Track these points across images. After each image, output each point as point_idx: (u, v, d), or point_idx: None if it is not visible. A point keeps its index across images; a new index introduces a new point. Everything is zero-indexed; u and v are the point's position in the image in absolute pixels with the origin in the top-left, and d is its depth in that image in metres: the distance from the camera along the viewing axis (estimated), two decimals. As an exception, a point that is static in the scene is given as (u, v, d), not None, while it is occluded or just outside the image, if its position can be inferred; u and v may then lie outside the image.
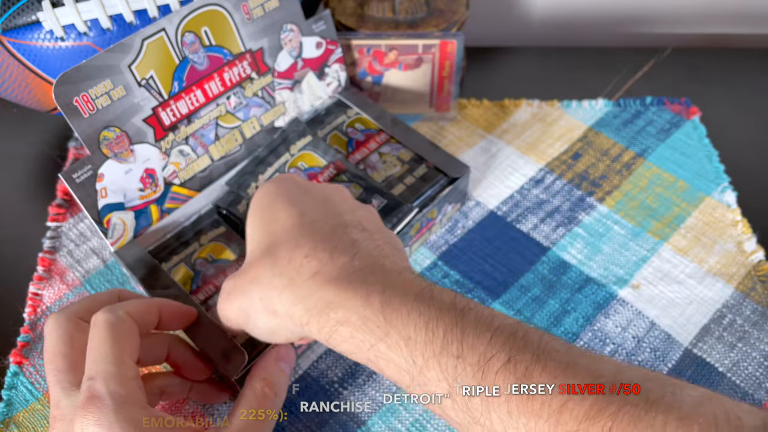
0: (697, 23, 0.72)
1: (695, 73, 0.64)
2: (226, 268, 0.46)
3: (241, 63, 0.46)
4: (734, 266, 0.49)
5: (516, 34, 0.74)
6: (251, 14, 0.46)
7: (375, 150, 0.52)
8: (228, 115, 0.47)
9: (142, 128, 0.43)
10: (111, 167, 0.42)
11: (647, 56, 0.66)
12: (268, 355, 0.38)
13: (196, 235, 0.48)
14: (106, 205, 0.42)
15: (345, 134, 0.53)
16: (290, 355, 0.39)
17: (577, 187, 0.54)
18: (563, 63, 0.66)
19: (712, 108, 0.60)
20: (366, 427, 0.42)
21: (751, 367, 0.44)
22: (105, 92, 0.40)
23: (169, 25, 0.42)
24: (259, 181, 0.49)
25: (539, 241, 0.51)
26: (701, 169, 0.55)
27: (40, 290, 0.49)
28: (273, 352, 0.38)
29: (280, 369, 0.38)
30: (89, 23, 0.43)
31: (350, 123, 0.54)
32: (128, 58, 0.40)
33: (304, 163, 0.50)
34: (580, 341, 0.45)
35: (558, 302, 0.47)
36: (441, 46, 0.54)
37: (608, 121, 0.60)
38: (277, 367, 0.37)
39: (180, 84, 0.44)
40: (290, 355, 0.39)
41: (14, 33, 0.44)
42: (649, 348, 0.45)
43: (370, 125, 0.53)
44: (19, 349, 0.45)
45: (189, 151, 0.46)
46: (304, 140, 0.51)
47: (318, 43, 0.51)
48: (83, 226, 0.52)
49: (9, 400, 0.43)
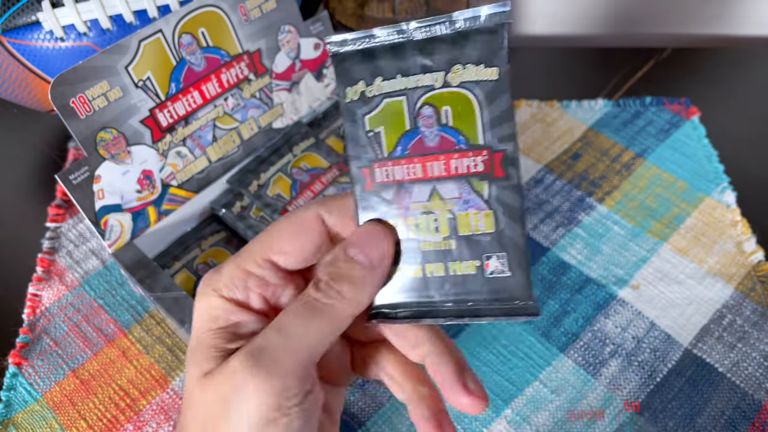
0: (697, 23, 0.72)
1: (695, 73, 0.64)
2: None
3: (238, 64, 0.46)
4: (734, 266, 0.49)
5: (516, 34, 0.74)
6: (249, 15, 0.46)
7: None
8: (225, 117, 0.47)
9: (139, 129, 0.43)
10: (108, 169, 0.42)
11: (647, 56, 0.65)
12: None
13: (197, 241, 0.48)
14: (103, 206, 0.42)
15: (343, 138, 0.53)
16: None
17: (576, 187, 0.54)
18: (563, 63, 0.66)
19: (712, 108, 0.60)
20: (366, 427, 0.42)
21: (751, 368, 0.44)
22: (102, 93, 0.40)
23: (166, 26, 0.42)
24: (260, 180, 0.49)
25: (539, 241, 0.51)
26: (701, 170, 0.55)
27: (40, 291, 0.49)
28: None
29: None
30: (89, 23, 0.43)
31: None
32: (125, 60, 0.40)
33: (307, 163, 0.50)
34: (580, 341, 0.45)
35: (558, 303, 0.47)
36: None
37: (608, 121, 0.59)
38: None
39: (177, 85, 0.44)
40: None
41: (14, 33, 0.44)
42: (649, 348, 0.45)
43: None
44: (18, 350, 0.45)
45: (186, 152, 0.46)
46: (307, 142, 0.51)
47: (316, 44, 0.51)
48: (82, 227, 0.52)
49: (8, 401, 0.43)
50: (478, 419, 0.42)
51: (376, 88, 0.27)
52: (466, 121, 0.26)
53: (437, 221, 0.27)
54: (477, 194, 0.26)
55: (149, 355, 0.45)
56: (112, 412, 0.43)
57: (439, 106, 0.26)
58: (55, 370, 0.45)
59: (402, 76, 0.27)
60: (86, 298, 0.48)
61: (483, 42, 0.25)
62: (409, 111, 0.27)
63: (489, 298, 0.26)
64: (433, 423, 0.29)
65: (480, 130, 0.26)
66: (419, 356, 0.29)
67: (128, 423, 0.43)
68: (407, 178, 0.27)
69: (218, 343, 0.27)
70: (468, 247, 0.27)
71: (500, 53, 0.25)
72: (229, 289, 0.28)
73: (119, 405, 0.43)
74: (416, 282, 0.27)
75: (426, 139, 0.27)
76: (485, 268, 0.26)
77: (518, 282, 0.26)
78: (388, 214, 0.27)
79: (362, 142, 0.27)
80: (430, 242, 0.27)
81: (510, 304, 0.26)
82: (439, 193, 0.27)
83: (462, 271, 0.27)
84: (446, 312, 0.27)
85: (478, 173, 0.26)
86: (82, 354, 0.46)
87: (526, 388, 0.43)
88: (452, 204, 0.27)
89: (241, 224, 0.48)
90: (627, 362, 0.44)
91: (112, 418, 0.43)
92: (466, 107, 0.26)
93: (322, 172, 0.50)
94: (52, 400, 0.44)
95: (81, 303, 0.48)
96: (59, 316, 0.47)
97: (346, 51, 0.27)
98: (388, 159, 0.27)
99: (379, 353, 0.31)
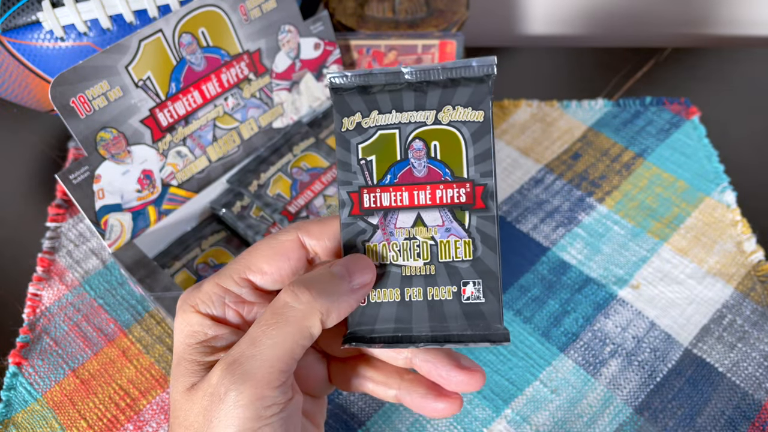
0: (697, 23, 0.72)
1: (695, 73, 0.64)
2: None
3: (238, 64, 0.46)
4: (734, 266, 0.49)
5: (516, 34, 0.74)
6: (249, 15, 0.46)
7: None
8: (226, 116, 0.47)
9: (139, 129, 0.43)
10: (108, 168, 0.42)
11: (647, 56, 0.65)
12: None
13: (197, 240, 0.48)
14: (103, 206, 0.42)
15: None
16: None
17: (576, 187, 0.54)
18: (563, 63, 0.66)
19: (712, 108, 0.60)
20: (366, 427, 0.42)
21: (751, 368, 0.44)
22: (102, 93, 0.40)
23: (166, 26, 0.42)
24: (260, 180, 0.49)
25: (539, 241, 0.51)
26: (701, 169, 0.55)
27: (40, 291, 0.49)
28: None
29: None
30: (89, 23, 0.43)
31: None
32: (125, 59, 0.40)
33: (307, 163, 0.50)
34: (580, 341, 0.45)
35: (558, 302, 0.47)
36: (440, 46, 0.54)
37: (608, 121, 0.59)
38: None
39: (177, 85, 0.44)
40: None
41: (14, 33, 0.44)
42: (649, 348, 0.45)
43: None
44: (18, 349, 0.45)
45: (187, 152, 0.46)
46: (307, 141, 0.51)
47: (316, 44, 0.51)
48: (83, 227, 0.52)
49: (8, 400, 0.43)
50: (478, 419, 0.42)
51: (371, 120, 0.29)
52: (453, 155, 0.28)
53: (419, 247, 0.28)
54: (459, 223, 0.28)
55: (149, 355, 0.46)
56: (112, 412, 0.43)
57: (429, 140, 0.28)
58: (55, 370, 0.45)
59: (396, 111, 0.29)
60: (86, 298, 0.48)
61: (472, 88, 0.28)
62: (401, 143, 0.29)
63: (464, 324, 0.28)
64: (434, 393, 0.30)
65: (465, 164, 0.28)
66: (406, 361, 0.30)
67: (128, 423, 0.43)
68: (394, 204, 0.29)
69: (198, 357, 0.28)
70: (447, 273, 0.28)
71: (486, 99, 0.28)
72: (206, 305, 0.29)
73: (119, 405, 0.43)
74: (394, 306, 0.29)
75: (415, 170, 0.29)
76: (462, 293, 0.28)
77: (491, 308, 0.28)
78: (373, 237, 0.29)
79: (353, 168, 0.29)
80: (411, 267, 0.28)
81: (482, 330, 0.28)
82: (423, 220, 0.28)
83: (440, 296, 0.28)
84: (422, 337, 0.28)
85: (460, 204, 0.28)
86: (82, 354, 0.46)
87: (526, 388, 0.43)
88: (434, 231, 0.28)
89: (241, 224, 0.48)
90: (627, 362, 0.44)
91: (112, 417, 0.43)
92: (453, 143, 0.28)
93: (322, 171, 0.50)
94: (52, 400, 0.44)
95: (81, 303, 0.48)
96: (59, 315, 0.47)
97: (346, 84, 0.29)
98: (377, 186, 0.29)
99: (359, 367, 0.32)
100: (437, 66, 0.28)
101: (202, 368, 0.27)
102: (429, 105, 0.28)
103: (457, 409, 0.30)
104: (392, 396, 0.31)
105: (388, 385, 0.31)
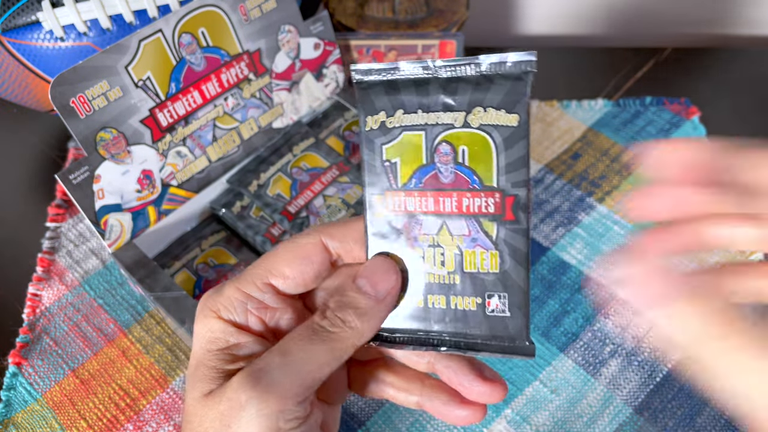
0: (697, 23, 0.72)
1: (695, 73, 0.64)
2: (228, 272, 0.46)
3: (238, 64, 0.46)
4: (734, 266, 0.49)
5: (516, 34, 0.74)
6: (249, 15, 0.46)
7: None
8: (225, 117, 0.47)
9: (139, 129, 0.43)
10: (108, 168, 0.42)
11: (647, 56, 0.65)
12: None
13: (197, 241, 0.48)
14: (103, 206, 0.42)
15: (342, 138, 0.53)
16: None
17: (576, 187, 0.54)
18: (563, 63, 0.66)
19: (712, 108, 0.60)
20: (366, 427, 0.42)
21: (751, 368, 0.44)
22: (102, 93, 0.40)
23: (165, 26, 0.42)
24: (260, 180, 0.49)
25: (539, 241, 0.51)
26: (701, 169, 0.55)
27: (40, 291, 0.49)
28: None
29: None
30: (89, 23, 0.43)
31: (348, 126, 0.54)
32: (125, 59, 0.40)
33: (307, 163, 0.50)
34: (580, 341, 0.45)
35: (558, 302, 0.47)
36: (440, 46, 0.54)
37: (608, 121, 0.59)
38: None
39: (177, 85, 0.44)
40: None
41: (14, 33, 0.44)
42: (649, 348, 0.45)
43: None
44: (18, 349, 0.45)
45: (186, 152, 0.46)
46: (307, 141, 0.51)
47: (316, 44, 0.51)
48: (82, 227, 0.52)
49: (8, 400, 0.43)
50: (478, 419, 0.42)
51: (396, 120, 0.27)
52: (482, 162, 0.26)
53: (444, 255, 0.27)
54: (485, 234, 0.27)
55: (149, 355, 0.46)
56: (112, 412, 0.43)
57: (457, 144, 0.27)
58: (55, 370, 0.45)
59: (423, 112, 0.27)
60: (86, 298, 0.48)
61: (506, 88, 0.26)
62: (426, 146, 0.27)
63: (487, 335, 0.27)
64: (457, 400, 0.29)
65: (495, 172, 0.26)
66: (428, 365, 0.30)
67: (128, 423, 0.43)
68: (419, 210, 0.27)
69: (218, 365, 0.27)
70: (472, 283, 0.27)
71: (522, 100, 0.26)
72: (228, 311, 0.28)
73: (119, 405, 0.43)
74: (418, 310, 0.28)
75: (441, 175, 0.27)
76: (486, 305, 0.27)
77: (517, 323, 0.27)
78: (397, 242, 0.28)
79: (378, 170, 0.28)
80: (435, 274, 0.27)
81: (507, 343, 0.27)
82: (448, 228, 0.27)
83: (463, 306, 0.27)
84: (445, 341, 0.27)
85: (488, 214, 0.27)
86: (82, 354, 0.46)
87: (526, 388, 0.43)
88: (460, 240, 0.27)
89: (241, 224, 0.48)
90: (627, 362, 0.44)
91: (112, 417, 0.43)
92: (483, 149, 0.26)
93: (321, 171, 0.50)
94: (52, 400, 0.44)
95: (81, 303, 0.48)
96: (59, 315, 0.47)
97: (371, 80, 0.27)
98: (401, 189, 0.27)
99: (380, 372, 0.31)
100: (470, 60, 0.26)
101: (221, 375, 0.27)
102: (458, 105, 0.26)
103: (480, 416, 0.29)
104: (414, 402, 0.30)
105: (410, 391, 0.30)
